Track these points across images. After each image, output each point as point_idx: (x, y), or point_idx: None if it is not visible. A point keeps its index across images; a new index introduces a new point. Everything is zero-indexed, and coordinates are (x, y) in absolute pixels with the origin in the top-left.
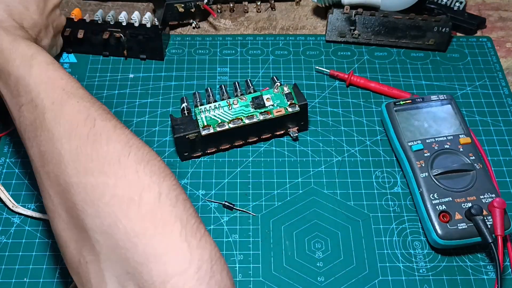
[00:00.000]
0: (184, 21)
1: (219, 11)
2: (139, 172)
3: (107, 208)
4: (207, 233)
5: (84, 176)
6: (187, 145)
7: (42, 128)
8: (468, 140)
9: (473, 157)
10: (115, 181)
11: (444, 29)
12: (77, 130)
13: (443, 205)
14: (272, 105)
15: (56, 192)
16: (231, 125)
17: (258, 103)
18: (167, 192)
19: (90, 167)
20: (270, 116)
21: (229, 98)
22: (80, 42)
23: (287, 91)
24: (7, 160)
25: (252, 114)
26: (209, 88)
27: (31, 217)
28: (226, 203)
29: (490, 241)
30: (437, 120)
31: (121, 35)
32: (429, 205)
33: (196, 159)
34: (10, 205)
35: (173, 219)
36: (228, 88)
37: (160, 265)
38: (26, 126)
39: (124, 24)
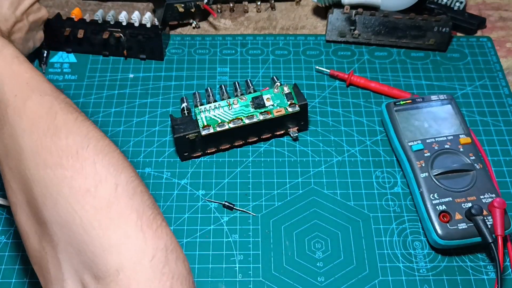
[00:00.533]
0: (184, 21)
1: (219, 11)
2: (97, 164)
3: (64, 201)
4: (164, 223)
5: (43, 169)
6: (187, 145)
7: (4, 122)
8: (468, 140)
9: (473, 157)
10: (72, 173)
11: (444, 29)
12: (38, 124)
13: (443, 205)
14: (272, 105)
15: (18, 185)
16: (231, 125)
17: (258, 103)
18: (124, 183)
19: (48, 160)
20: (270, 116)
21: (229, 98)
22: (80, 42)
23: (287, 91)
24: None
25: (252, 114)
26: (209, 88)
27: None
28: (226, 203)
29: (490, 241)
30: (437, 120)
31: (121, 35)
32: (429, 205)
33: (196, 159)
34: None
35: (129, 211)
36: (228, 88)
37: (115, 255)
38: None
39: (124, 24)
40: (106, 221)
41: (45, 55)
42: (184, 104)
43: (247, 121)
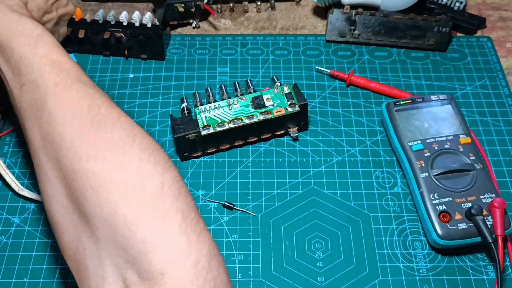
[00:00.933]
0: (184, 21)
1: (219, 11)
2: (143, 161)
3: (108, 195)
4: (205, 227)
5: (86, 162)
6: (187, 145)
7: (43, 110)
8: (468, 140)
9: (473, 157)
10: (118, 169)
11: (444, 29)
12: (81, 115)
13: (443, 205)
14: (272, 105)
15: (56, 176)
16: (231, 125)
17: (258, 103)
18: (170, 183)
19: (92, 153)
20: (270, 116)
21: (229, 98)
22: (80, 41)
23: (287, 91)
24: (7, 160)
25: (252, 114)
26: (209, 88)
27: (36, 201)
28: (226, 203)
29: (490, 241)
30: (437, 120)
31: (122, 35)
32: (429, 205)
33: (196, 159)
34: (16, 188)
35: (174, 211)
36: (228, 88)
37: (158, 256)
38: (27, 106)
39: (124, 24)
40: (151, 221)
41: None
42: (184, 104)
43: (247, 121)
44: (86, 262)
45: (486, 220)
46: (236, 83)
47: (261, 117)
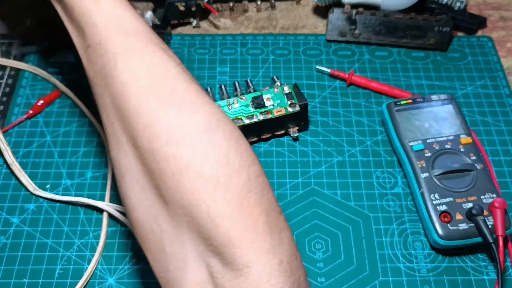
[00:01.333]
0: (185, 20)
1: (219, 10)
2: (230, 153)
3: (190, 185)
4: (286, 224)
5: (165, 145)
6: None
7: (113, 78)
8: (469, 140)
9: (474, 157)
10: (203, 158)
11: (444, 28)
12: (157, 89)
13: (444, 206)
14: (272, 105)
15: (133, 151)
16: None
17: (258, 103)
18: (254, 178)
19: (173, 136)
20: (270, 116)
21: (229, 98)
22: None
23: (287, 91)
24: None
25: (252, 114)
26: (208, 88)
27: (51, 200)
28: None
29: (491, 241)
30: (438, 120)
31: None
32: (429, 206)
33: None
34: (31, 189)
35: (259, 209)
36: (228, 88)
37: (244, 250)
38: (95, 71)
39: None
40: (236, 216)
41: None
42: None
43: (247, 121)
44: (162, 244)
45: (487, 220)
46: (236, 83)
47: (261, 117)
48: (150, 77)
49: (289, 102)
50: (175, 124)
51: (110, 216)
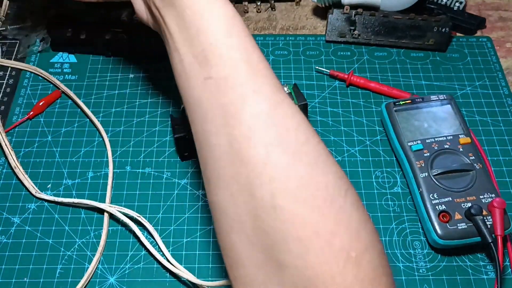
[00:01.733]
0: None
1: None
2: (360, 225)
3: (319, 254)
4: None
5: (294, 203)
6: (187, 145)
7: (239, 121)
8: (468, 140)
9: (473, 157)
10: (333, 226)
11: (444, 29)
12: (288, 141)
13: (443, 205)
14: None
15: (245, 202)
16: None
17: None
18: (382, 255)
19: (302, 195)
20: None
21: None
22: (82, 42)
23: (287, 91)
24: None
25: None
26: None
27: (54, 202)
28: None
29: (490, 241)
30: (437, 120)
31: (124, 35)
32: (429, 205)
33: (196, 159)
34: (33, 192)
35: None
36: None
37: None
38: (211, 106)
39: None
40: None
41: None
42: None
43: None
44: None
45: (486, 220)
46: None
47: None
48: (281, 127)
49: None
50: (306, 183)
51: (111, 216)
